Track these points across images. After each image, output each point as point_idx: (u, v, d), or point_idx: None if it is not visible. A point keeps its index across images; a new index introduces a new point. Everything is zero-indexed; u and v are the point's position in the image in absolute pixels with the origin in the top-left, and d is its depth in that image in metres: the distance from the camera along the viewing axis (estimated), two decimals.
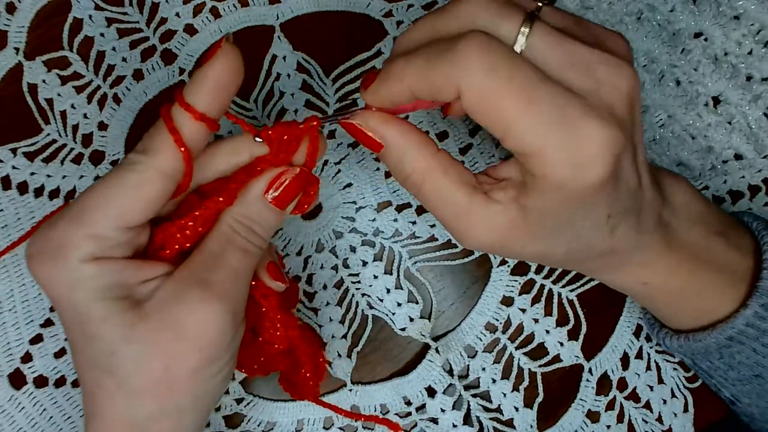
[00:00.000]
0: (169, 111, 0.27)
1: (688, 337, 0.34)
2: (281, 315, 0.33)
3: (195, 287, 0.27)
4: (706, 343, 0.33)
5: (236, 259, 0.28)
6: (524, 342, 0.41)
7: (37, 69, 0.44)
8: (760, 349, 0.32)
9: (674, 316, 0.35)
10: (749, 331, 0.31)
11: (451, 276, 0.42)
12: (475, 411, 0.40)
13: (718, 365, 0.34)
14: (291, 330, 0.33)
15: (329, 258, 0.42)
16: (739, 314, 0.31)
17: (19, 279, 0.41)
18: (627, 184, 0.27)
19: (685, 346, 0.34)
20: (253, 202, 0.29)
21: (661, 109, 0.43)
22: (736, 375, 0.34)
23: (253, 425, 0.40)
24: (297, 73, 0.44)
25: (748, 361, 0.33)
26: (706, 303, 0.33)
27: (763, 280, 0.31)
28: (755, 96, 0.42)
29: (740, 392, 0.35)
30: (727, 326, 0.32)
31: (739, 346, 0.32)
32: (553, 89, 0.24)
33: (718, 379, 0.35)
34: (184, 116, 0.27)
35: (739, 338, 0.32)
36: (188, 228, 0.28)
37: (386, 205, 0.42)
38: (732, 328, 0.32)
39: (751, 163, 0.42)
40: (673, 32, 0.44)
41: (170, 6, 0.45)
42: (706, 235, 0.32)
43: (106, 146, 0.43)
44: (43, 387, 0.40)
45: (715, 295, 0.32)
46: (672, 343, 0.35)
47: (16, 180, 0.42)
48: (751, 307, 0.31)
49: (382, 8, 0.45)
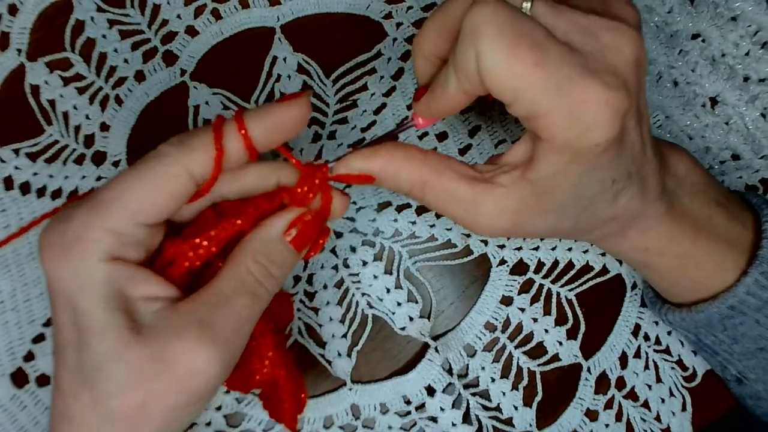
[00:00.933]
0: (223, 121, 0.27)
1: (690, 309, 0.34)
2: (273, 353, 0.32)
3: (195, 327, 0.26)
4: (708, 314, 0.33)
5: (244, 305, 0.27)
6: (523, 341, 0.41)
7: (39, 70, 0.44)
8: (763, 320, 0.32)
9: (674, 288, 0.35)
10: (750, 301, 0.32)
11: (450, 275, 0.42)
12: (475, 410, 0.40)
13: (722, 338, 0.34)
14: (277, 369, 0.32)
15: (329, 258, 0.42)
16: (740, 282, 0.32)
17: (22, 278, 0.41)
18: (632, 149, 0.28)
19: (688, 319, 0.34)
20: (272, 240, 0.29)
21: (659, 110, 0.43)
22: (740, 349, 0.34)
23: (254, 424, 0.40)
24: (297, 75, 0.44)
25: (751, 332, 0.33)
26: (706, 273, 0.33)
27: (763, 248, 0.32)
28: (752, 97, 0.42)
29: (746, 368, 0.35)
30: (728, 295, 0.32)
31: (741, 316, 0.32)
32: (560, 49, 0.25)
33: (723, 355, 0.35)
34: (233, 133, 0.27)
35: (741, 308, 0.32)
36: (201, 247, 0.28)
37: (386, 205, 0.42)
38: (733, 297, 0.32)
39: (749, 163, 0.42)
40: (671, 33, 0.44)
41: (172, 8, 0.45)
42: (708, 206, 0.33)
43: (108, 147, 0.43)
44: (45, 386, 0.40)
45: (716, 266, 0.33)
46: (674, 317, 0.35)
47: (19, 180, 0.43)
48: (751, 275, 0.31)
49: (382, 10, 0.45)
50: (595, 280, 0.42)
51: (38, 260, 0.27)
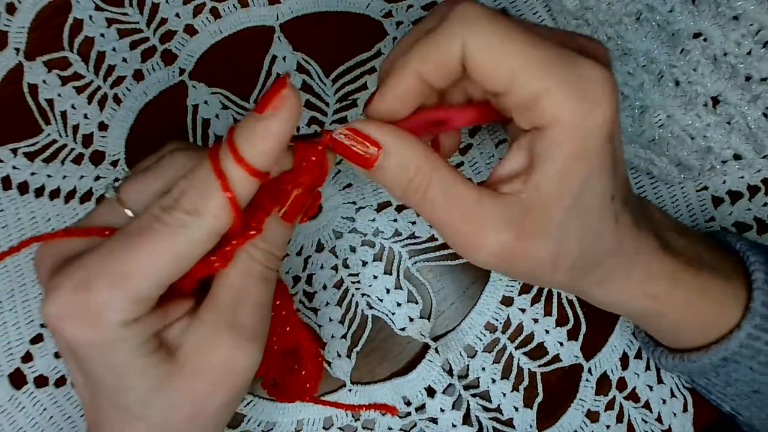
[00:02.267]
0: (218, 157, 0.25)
1: (683, 357, 0.34)
2: (292, 317, 0.33)
3: (226, 332, 0.26)
4: (701, 363, 0.32)
5: (260, 292, 0.28)
6: (524, 342, 0.41)
7: (37, 69, 0.44)
8: (756, 367, 0.32)
9: (681, 333, 0.34)
10: (744, 352, 0.31)
11: (450, 276, 0.42)
12: (475, 411, 0.40)
13: (716, 382, 0.34)
14: (300, 332, 0.33)
15: (329, 258, 0.42)
16: (732, 336, 0.31)
17: (20, 279, 0.41)
18: (622, 167, 0.27)
19: (681, 366, 0.34)
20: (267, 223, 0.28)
21: (660, 109, 0.43)
22: (734, 391, 0.34)
23: (253, 425, 0.40)
24: (297, 74, 0.44)
25: (745, 378, 0.32)
26: (713, 313, 0.32)
27: (754, 301, 0.31)
28: (754, 96, 0.42)
29: (740, 406, 0.35)
30: (720, 348, 0.32)
31: (734, 365, 0.32)
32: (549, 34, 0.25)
33: (716, 394, 0.35)
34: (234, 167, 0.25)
35: (734, 358, 0.32)
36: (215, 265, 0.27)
37: (386, 205, 0.42)
38: (726, 350, 0.31)
39: (751, 163, 0.42)
40: (672, 32, 0.44)
41: (170, 6, 0.45)
42: (695, 244, 0.32)
43: (107, 146, 0.43)
44: (43, 387, 0.40)
45: (720, 306, 0.32)
46: (667, 362, 0.35)
47: (17, 180, 0.43)
48: (743, 329, 0.31)
49: (381, 9, 0.45)
50: None
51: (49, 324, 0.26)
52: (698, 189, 0.42)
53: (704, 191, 0.42)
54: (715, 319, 0.32)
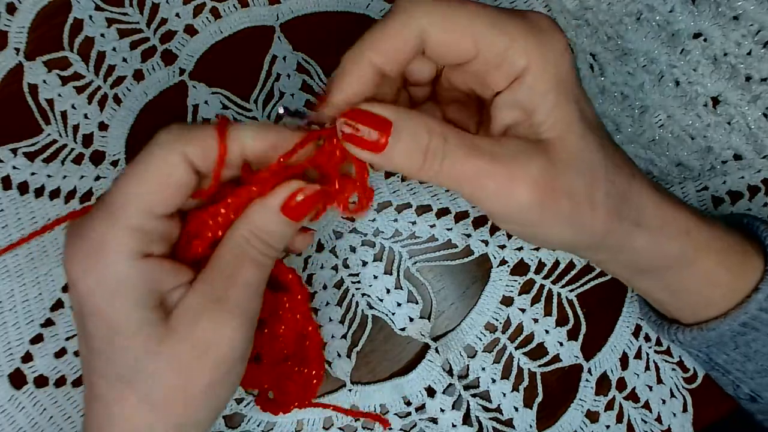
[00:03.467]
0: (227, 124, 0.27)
1: (701, 327, 0.33)
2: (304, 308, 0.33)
3: (213, 304, 0.27)
4: (719, 331, 0.32)
5: (250, 274, 0.28)
6: (524, 342, 0.41)
7: (37, 69, 0.44)
8: None
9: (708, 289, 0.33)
10: (763, 316, 0.31)
11: (450, 276, 0.42)
12: (475, 411, 0.40)
13: (735, 357, 0.34)
14: (310, 321, 0.33)
15: (329, 258, 0.42)
16: (750, 299, 0.31)
17: (20, 279, 0.41)
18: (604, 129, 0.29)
19: (699, 338, 0.34)
20: (268, 214, 0.29)
21: (661, 109, 0.43)
22: (754, 366, 0.34)
23: (253, 425, 0.40)
24: (297, 74, 0.44)
25: (764, 349, 0.32)
26: (735, 269, 0.32)
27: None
28: (754, 96, 0.42)
29: (760, 385, 0.35)
30: (740, 312, 0.31)
31: (754, 333, 0.32)
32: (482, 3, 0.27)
33: (735, 373, 0.35)
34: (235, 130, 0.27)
35: (754, 324, 0.32)
36: (220, 215, 0.28)
37: (386, 205, 0.42)
38: (745, 314, 0.31)
39: (751, 163, 0.42)
40: (673, 33, 0.44)
41: (170, 6, 0.45)
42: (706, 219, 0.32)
43: (107, 146, 0.43)
44: (43, 387, 0.40)
45: (739, 263, 0.32)
46: (684, 336, 0.34)
47: (17, 180, 0.43)
48: (762, 290, 0.31)
49: (381, 9, 0.45)
50: (596, 281, 0.42)
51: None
52: (698, 189, 0.42)
53: (704, 191, 0.42)
54: (736, 280, 0.32)
